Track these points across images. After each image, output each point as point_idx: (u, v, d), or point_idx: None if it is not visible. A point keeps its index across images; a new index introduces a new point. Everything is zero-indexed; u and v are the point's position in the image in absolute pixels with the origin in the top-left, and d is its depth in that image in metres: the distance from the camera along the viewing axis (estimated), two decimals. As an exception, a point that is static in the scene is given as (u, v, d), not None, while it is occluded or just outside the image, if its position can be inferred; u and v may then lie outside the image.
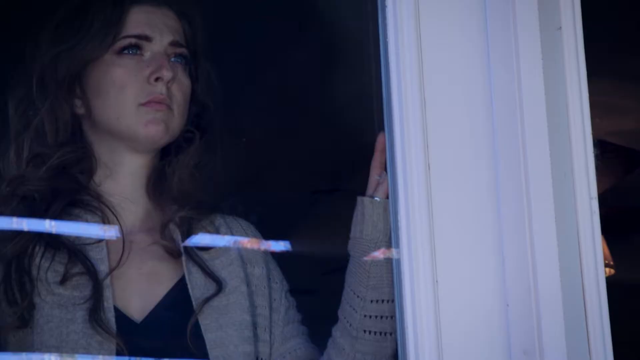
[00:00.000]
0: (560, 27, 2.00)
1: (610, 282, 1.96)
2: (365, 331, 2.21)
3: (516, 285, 1.92)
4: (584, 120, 1.99)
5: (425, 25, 2.01)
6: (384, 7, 2.02)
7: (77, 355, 2.21)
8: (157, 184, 2.32)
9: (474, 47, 2.00)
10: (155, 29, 2.30)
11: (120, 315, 2.21)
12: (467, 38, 2.01)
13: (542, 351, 1.88)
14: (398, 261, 1.96)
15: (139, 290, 2.26)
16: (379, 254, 2.21)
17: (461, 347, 1.91)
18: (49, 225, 2.26)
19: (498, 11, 2.00)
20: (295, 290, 2.35)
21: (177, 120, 2.29)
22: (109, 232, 2.27)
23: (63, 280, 2.19)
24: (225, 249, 2.34)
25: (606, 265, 2.02)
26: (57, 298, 2.19)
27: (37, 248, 2.21)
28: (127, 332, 2.20)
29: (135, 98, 2.26)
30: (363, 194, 2.23)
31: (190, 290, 2.26)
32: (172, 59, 2.30)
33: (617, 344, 1.90)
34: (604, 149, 2.12)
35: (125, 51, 2.28)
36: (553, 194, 1.94)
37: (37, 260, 2.20)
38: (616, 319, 1.92)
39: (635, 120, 3.55)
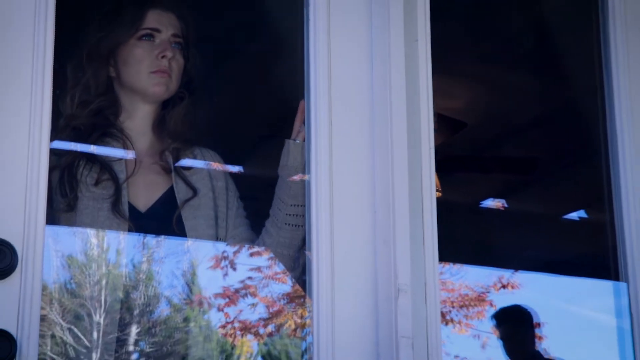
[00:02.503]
0: (417, 40, 2.02)
1: (438, 200, 2.00)
2: (286, 224, 2.22)
3: (381, 199, 1.94)
4: (429, 100, 2.02)
5: (334, 33, 2.01)
6: (307, 19, 2.02)
7: (104, 232, 2.23)
8: (159, 125, 2.30)
9: (363, 50, 2.01)
10: (163, 25, 2.27)
11: (131, 207, 2.20)
12: (359, 45, 2.01)
13: (395, 241, 1.90)
14: (309, 182, 1.98)
15: (144, 192, 2.25)
16: (297, 177, 2.21)
17: (345, 234, 1.93)
18: (89, 148, 2.26)
19: (379, 27, 2.01)
20: (243, 197, 2.34)
21: (174, 84, 2.27)
22: (127, 154, 2.27)
23: (96, 183, 2.18)
24: (199, 169, 2.32)
25: (437, 190, 2.05)
26: (92, 194, 2.18)
27: (80, 161, 2.20)
28: (135, 218, 2.20)
29: (148, 68, 2.25)
30: (289, 138, 2.23)
31: (176, 194, 2.25)
32: (173, 45, 2.27)
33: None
34: (440, 118, 2.15)
35: (143, 38, 2.26)
36: (407, 144, 1.96)
37: (80, 169, 2.19)
38: (440, 221, 1.97)
39: (459, 102, 3.60)
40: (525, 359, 3.75)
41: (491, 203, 4.35)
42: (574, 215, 4.21)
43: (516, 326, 3.73)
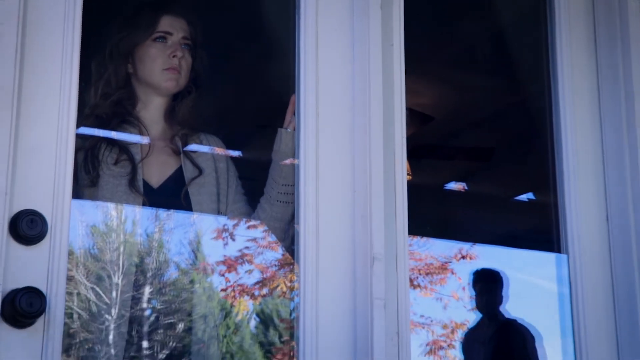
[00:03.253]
0: (392, 44, 2.02)
1: (409, 183, 1.99)
2: (278, 200, 2.21)
3: (360, 180, 1.94)
4: (402, 97, 2.01)
5: (321, 38, 2.00)
6: (298, 25, 2.01)
7: (122, 205, 2.22)
8: (170, 114, 2.28)
9: (346, 53, 1.99)
10: (175, 29, 2.26)
11: (145, 184, 2.19)
12: (343, 48, 2.00)
13: (371, 216, 1.89)
14: (298, 165, 1.97)
15: (156, 171, 2.23)
16: (288, 161, 2.20)
17: (328, 209, 1.92)
18: (109, 133, 2.24)
19: (360, 33, 1.99)
20: (241, 177, 2.33)
21: (183, 80, 2.25)
22: (142, 138, 2.25)
23: (115, 163, 2.17)
24: (204, 152, 2.31)
25: (408, 174, 2.05)
26: (112, 172, 2.17)
27: (102, 144, 2.19)
28: (149, 193, 2.19)
29: (161, 66, 2.24)
30: (282, 127, 2.22)
31: (184, 173, 2.24)
32: (183, 46, 2.26)
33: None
34: (410, 112, 2.15)
35: (157, 40, 2.25)
36: (383, 134, 1.95)
37: (102, 150, 2.18)
38: (410, 200, 1.96)
39: (426, 98, 3.60)
40: (492, 313, 3.78)
41: (454, 186, 4.36)
42: (523, 197, 4.22)
43: (490, 285, 3.75)
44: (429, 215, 3.82)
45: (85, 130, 2.19)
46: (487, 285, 3.76)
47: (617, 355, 2.14)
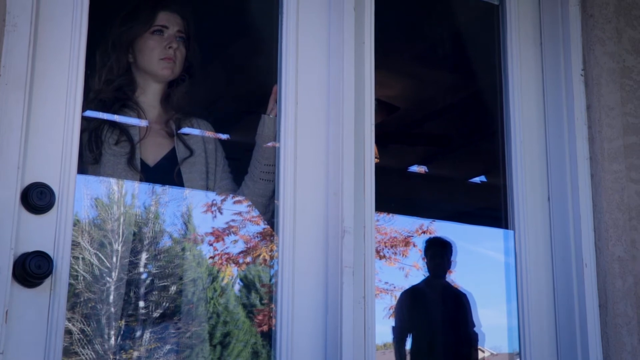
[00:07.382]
0: (364, 42, 2.01)
1: (376, 165, 1.98)
2: (260, 179, 2.21)
3: (333, 161, 1.93)
4: (371, 88, 2.00)
5: (301, 35, 1.99)
6: (281, 23, 2.00)
7: (122, 181, 2.21)
8: (166, 100, 2.27)
9: (323, 49, 1.98)
10: (170, 23, 2.24)
11: (142, 163, 2.18)
12: (320, 45, 1.98)
13: (342, 193, 1.90)
14: (279, 147, 1.96)
15: (152, 151, 2.22)
16: (270, 143, 2.19)
17: (305, 187, 1.92)
18: (111, 116, 2.22)
19: (335, 32, 1.99)
20: (228, 157, 2.32)
21: (177, 68, 2.24)
22: (140, 121, 2.23)
23: (116, 143, 2.16)
24: (195, 135, 2.29)
25: (376, 157, 2.06)
26: (112, 151, 2.16)
27: (105, 126, 2.17)
28: (145, 171, 2.18)
29: (158, 55, 2.22)
30: (265, 113, 2.21)
31: (177, 153, 2.23)
32: (177, 38, 2.24)
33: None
34: (378, 102, 2.16)
35: (155, 33, 2.23)
36: (354, 120, 1.94)
37: (104, 132, 2.16)
38: (377, 180, 1.95)
39: (393, 90, 3.60)
40: (440, 276, 3.79)
41: (416, 168, 4.39)
42: (477, 179, 4.26)
43: (441, 250, 3.76)
44: (394, 194, 3.84)
45: (90, 113, 2.18)
46: (439, 251, 3.78)
47: (554, 315, 2.18)
